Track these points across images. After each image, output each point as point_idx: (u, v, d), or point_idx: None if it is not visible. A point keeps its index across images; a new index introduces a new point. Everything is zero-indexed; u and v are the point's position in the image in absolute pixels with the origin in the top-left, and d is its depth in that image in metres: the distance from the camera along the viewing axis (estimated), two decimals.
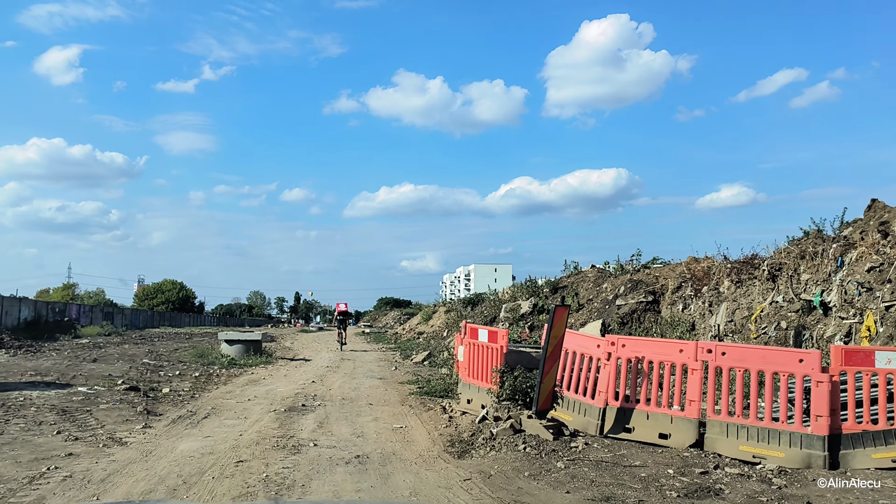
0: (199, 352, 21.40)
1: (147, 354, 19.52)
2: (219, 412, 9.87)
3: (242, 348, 21.30)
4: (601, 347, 8.09)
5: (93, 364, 15.89)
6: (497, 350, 8.83)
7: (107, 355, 18.59)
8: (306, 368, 18.32)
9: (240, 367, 18.09)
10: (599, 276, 20.83)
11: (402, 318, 74.08)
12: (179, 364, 17.65)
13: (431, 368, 18.25)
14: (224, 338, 21.47)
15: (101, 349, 21.65)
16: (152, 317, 56.71)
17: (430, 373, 16.54)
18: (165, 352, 21.55)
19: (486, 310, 24.49)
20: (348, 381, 14.90)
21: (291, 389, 12.87)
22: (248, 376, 15.58)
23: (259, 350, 21.68)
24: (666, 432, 7.35)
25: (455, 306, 38.46)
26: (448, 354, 18.27)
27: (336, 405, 10.85)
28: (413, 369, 18.34)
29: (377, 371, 17.86)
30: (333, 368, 18.34)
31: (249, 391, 12.57)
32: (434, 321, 38.88)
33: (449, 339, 22.54)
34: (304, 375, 16.00)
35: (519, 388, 8.33)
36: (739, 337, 14.26)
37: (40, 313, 35.78)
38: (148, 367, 15.80)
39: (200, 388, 13.03)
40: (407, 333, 41.64)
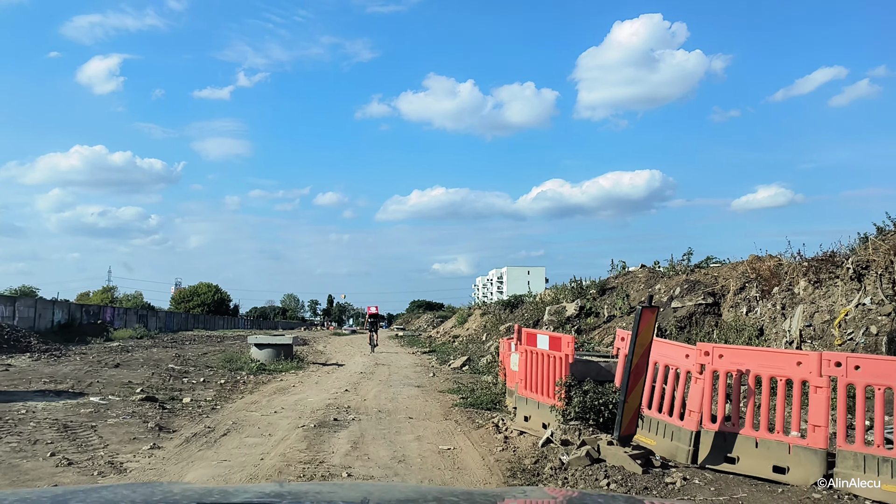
0: (228, 356, 20.38)
1: (174, 359, 18.54)
2: (240, 428, 8.65)
3: (272, 353, 20.22)
4: (691, 358, 6.64)
5: (114, 370, 14.90)
6: (562, 360, 7.43)
7: (132, 360, 17.64)
8: (339, 375, 17.12)
9: (269, 373, 16.96)
10: (651, 276, 19.25)
11: (435, 321, 72.86)
12: (206, 370, 16.59)
13: (472, 375, 16.89)
14: (254, 342, 20.41)
15: (129, 353, 20.77)
16: (186, 319, 56.33)
17: (472, 381, 15.18)
18: (194, 356, 20.58)
19: (527, 313, 23.04)
20: (384, 389, 13.62)
21: (323, 399, 11.63)
22: (276, 384, 14.41)
23: (290, 354, 20.57)
24: (782, 465, 5.86)
25: (492, 309, 37.03)
26: (491, 360, 16.90)
27: (372, 419, 9.55)
28: (452, 376, 17.01)
29: (414, 378, 16.56)
30: (368, 375, 17.10)
31: (277, 401, 11.36)
32: (469, 324, 37.51)
33: (489, 344, 21.16)
34: (336, 383, 14.78)
35: (590, 406, 6.92)
36: (820, 343, 12.59)
37: (74, 316, 35.37)
38: (172, 374, 14.74)
39: (224, 397, 11.87)
40: (441, 337, 40.35)
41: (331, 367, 20.01)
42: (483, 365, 18.83)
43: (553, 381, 7.57)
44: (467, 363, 20.07)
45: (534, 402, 7.96)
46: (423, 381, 15.56)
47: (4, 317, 28.50)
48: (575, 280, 19.97)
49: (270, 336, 21.16)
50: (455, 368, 19.86)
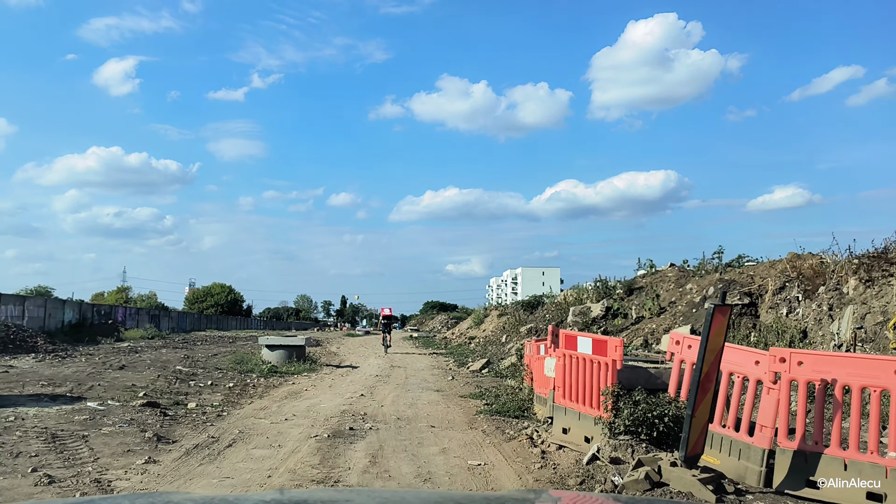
0: (239, 358, 19.65)
1: (182, 360, 17.81)
2: (247, 438, 7.84)
3: (284, 354, 19.46)
4: (763, 364, 5.74)
5: (119, 372, 14.17)
6: (608, 365, 6.54)
7: (138, 361, 16.93)
8: (354, 377, 16.31)
9: (281, 375, 16.18)
10: (681, 275, 18.28)
11: (449, 322, 72.05)
12: (215, 372, 15.85)
13: (494, 379, 16.02)
14: (265, 343, 19.66)
15: (137, 354, 20.10)
16: (199, 320, 55.85)
17: (494, 384, 14.31)
18: (203, 357, 19.86)
19: (549, 313, 22.11)
20: (402, 393, 12.78)
21: (337, 405, 10.81)
22: (288, 387, 13.62)
23: (302, 356, 19.81)
24: (878, 491, 4.95)
25: (509, 310, 36.11)
26: (514, 362, 16.03)
27: (391, 428, 8.71)
28: (472, 379, 16.14)
29: (432, 381, 15.72)
30: (384, 378, 16.27)
31: (288, 407, 10.56)
32: (486, 325, 36.62)
33: (510, 346, 20.29)
34: (351, 386, 13.96)
35: (643, 419, 6.03)
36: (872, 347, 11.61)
37: (85, 316, 34.86)
38: (178, 376, 13.99)
39: (232, 402, 11.09)
40: (457, 338, 39.50)
41: (345, 369, 19.22)
42: (504, 368, 17.95)
43: (597, 390, 6.69)
44: (487, 366, 19.20)
45: (573, 412, 7.08)
46: (442, 385, 14.71)
47: (13, 316, 27.99)
48: (600, 279, 19.04)
49: (282, 337, 20.42)
50: (474, 371, 19.00)
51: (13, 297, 28.15)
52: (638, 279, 19.18)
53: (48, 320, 30.85)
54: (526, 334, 19.63)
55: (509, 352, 19.73)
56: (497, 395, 11.83)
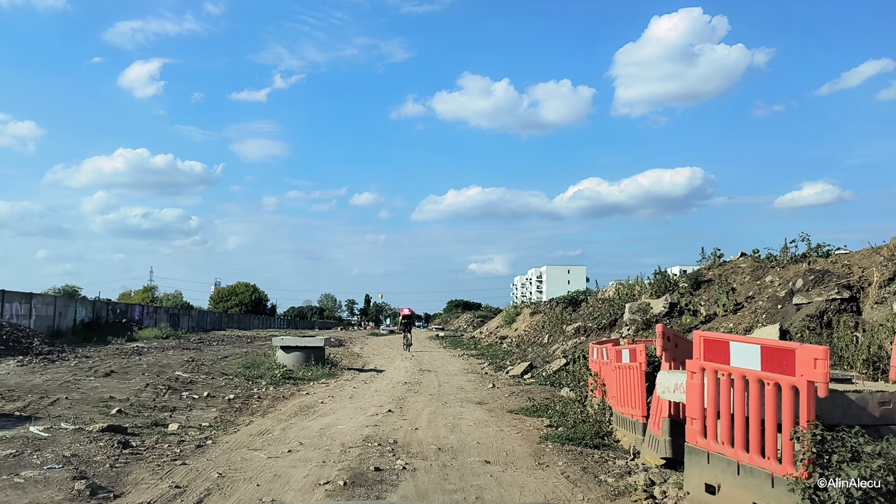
0: (251, 361, 17.30)
1: (185, 364, 15.48)
2: (227, 488, 5.34)
3: (301, 357, 17.07)
4: None
5: (102, 379, 11.83)
6: (799, 390, 3.91)
7: (134, 365, 14.61)
8: (379, 385, 13.83)
9: (294, 382, 13.77)
10: (756, 266, 15.50)
11: (475, 320, 69.52)
12: (220, 378, 13.48)
13: (541, 386, 13.42)
14: (279, 344, 17.28)
15: (139, 356, 17.84)
16: (220, 319, 53.90)
17: (546, 395, 11.73)
18: (211, 360, 17.53)
19: (596, 311, 19.43)
20: (439, 408, 10.25)
21: (358, 427, 8.31)
22: (300, 399, 11.17)
23: (321, 359, 17.40)
24: None
25: (542, 308, 33.43)
26: (569, 367, 13.39)
27: (432, 468, 6.17)
28: (517, 388, 13.57)
29: (471, 390, 13.17)
30: (413, 385, 13.76)
31: (296, 430, 8.08)
32: (518, 324, 33.97)
33: (554, 347, 17.66)
34: (376, 398, 11.48)
35: (884, 484, 3.41)
36: None
37: (99, 314, 32.95)
38: (173, 384, 11.62)
39: (228, 421, 8.65)
40: (486, 338, 36.90)
41: (368, 373, 16.77)
42: (551, 373, 15.35)
43: (772, 428, 4.07)
44: (530, 370, 16.61)
45: (727, 461, 4.45)
46: (483, 396, 12.15)
47: (20, 315, 26.03)
48: (659, 272, 16.33)
49: (299, 337, 18.02)
50: (515, 377, 16.43)
51: (19, 294, 26.20)
52: (703, 271, 16.43)
53: (59, 319, 28.91)
54: (573, 334, 17.05)
55: (554, 354, 17.11)
56: (562, 412, 9.21)
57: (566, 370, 15.25)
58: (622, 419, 7.69)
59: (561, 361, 15.94)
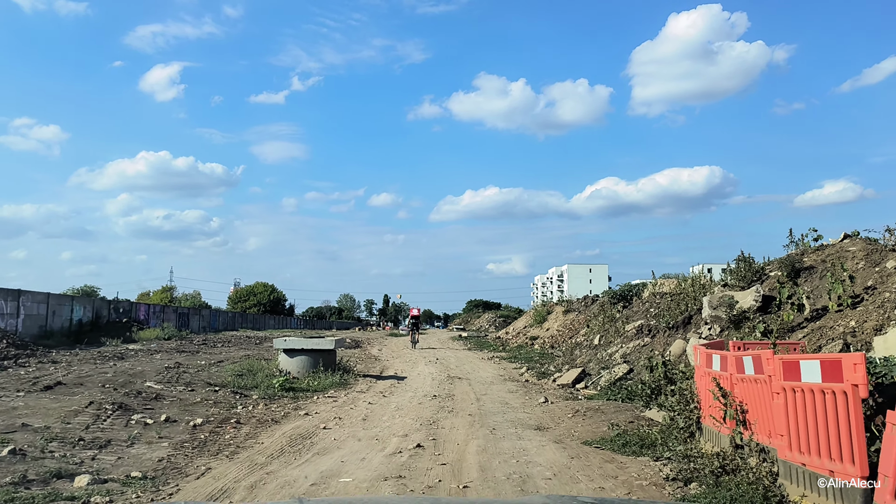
0: (248, 366, 14.28)
1: (163, 372, 12.49)
2: None
3: (307, 362, 14.03)
4: None
5: (34, 396, 8.82)
6: None
7: (96, 374, 11.62)
8: (401, 399, 10.72)
9: (295, 394, 10.74)
10: (871, 250, 12.16)
11: (496, 320, 66.32)
12: (203, 389, 10.49)
13: (611, 402, 10.22)
14: (282, 347, 14.25)
15: (117, 361, 14.89)
16: (234, 319, 51.09)
17: (625, 416, 8.54)
18: (201, 366, 14.55)
19: (656, 306, 16.15)
20: (489, 440, 7.08)
21: (372, 481, 5.19)
22: (295, 422, 8.10)
23: (331, 364, 14.33)
24: None
25: (578, 306, 30.16)
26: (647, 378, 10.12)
27: None
28: (575, 402, 10.41)
29: (518, 406, 10.03)
30: (445, 400, 10.64)
31: (271, 489, 5.00)
32: (550, 324, 30.73)
33: (611, 350, 14.39)
34: (398, 420, 8.37)
35: None
36: None
37: (100, 314, 30.22)
38: (126, 403, 8.60)
39: (173, 469, 5.58)
40: (514, 338, 33.70)
41: (388, 381, 13.69)
42: (612, 382, 12.16)
43: None
44: (583, 378, 13.41)
45: None
46: (540, 417, 8.98)
47: (5, 314, 23.33)
48: (743, 258, 12.98)
49: (305, 339, 14.95)
50: (564, 386, 13.26)
51: (4, 291, 23.51)
52: (797, 256, 13.12)
53: (52, 319, 26.18)
54: (634, 334, 13.84)
55: (612, 359, 13.87)
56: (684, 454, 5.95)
57: (631, 379, 12.05)
58: (804, 475, 4.54)
59: (622, 368, 12.74)
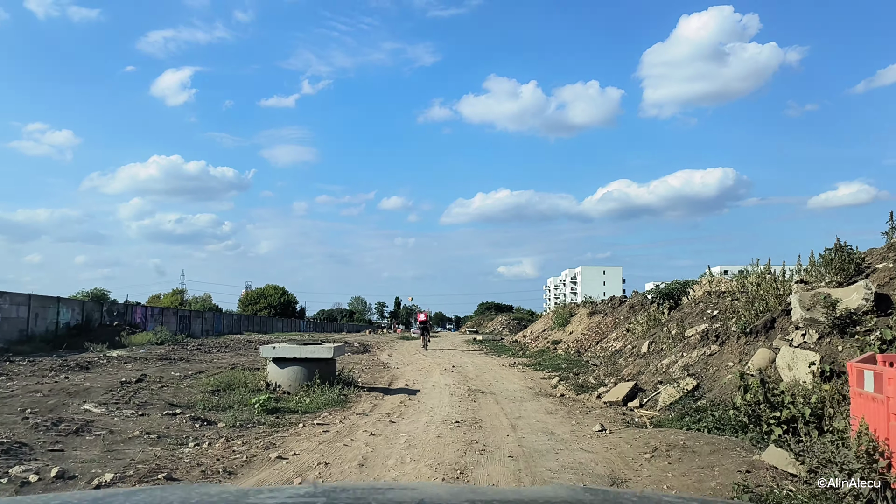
0: (230, 379, 11.77)
1: (117, 389, 10.00)
2: None
3: (301, 373, 11.52)
4: None
5: None
6: None
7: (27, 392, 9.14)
8: (412, 427, 8.14)
9: (279, 418, 8.20)
10: None
11: (510, 322, 63.54)
12: (157, 413, 8.00)
13: (688, 433, 7.57)
14: (270, 355, 11.73)
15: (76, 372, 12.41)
16: (239, 321, 48.74)
17: (736, 463, 5.92)
18: (174, 379, 12.05)
19: (713, 309, 13.46)
20: None
21: None
22: (259, 473, 5.54)
23: (330, 375, 11.80)
24: None
25: (604, 307, 27.48)
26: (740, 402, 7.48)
27: None
28: (638, 430, 7.80)
29: (569, 438, 7.44)
30: (470, 429, 8.06)
31: None
32: (574, 327, 28.05)
33: (667, 360, 11.71)
34: (407, 466, 5.78)
35: None
36: None
37: (90, 317, 27.92)
38: (28, 442, 6.12)
39: None
40: (534, 342, 31.05)
41: (397, 397, 11.12)
42: (675, 401, 9.54)
43: None
44: (636, 395, 10.79)
45: None
46: (608, 460, 6.37)
47: None
48: (839, 247, 10.25)
49: (300, 345, 12.41)
50: (613, 404, 10.65)
51: None
52: None
53: (34, 322, 23.85)
54: (699, 341, 11.17)
55: (670, 371, 11.22)
56: None
57: (700, 398, 9.40)
58: None
59: (687, 383, 10.08)
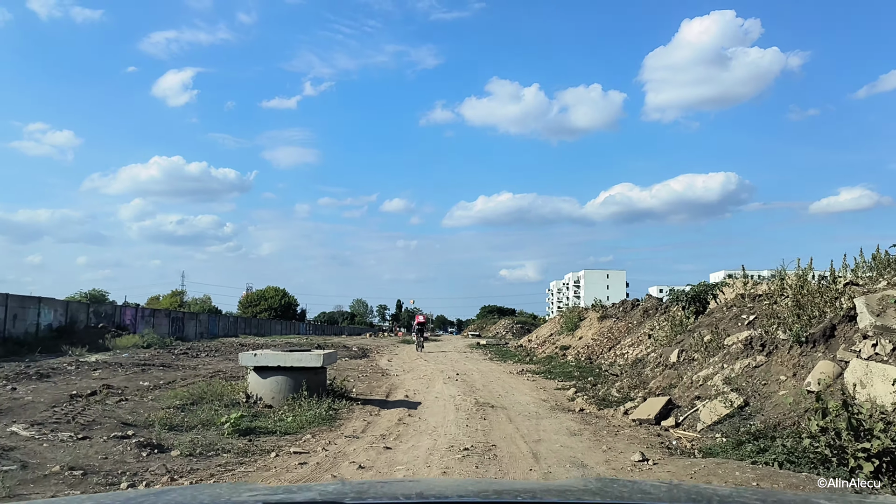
0: (203, 391, 10.27)
1: (65, 403, 8.50)
2: None
3: (286, 384, 10.03)
4: None
5: None
6: None
7: None
8: (411, 457, 6.63)
9: (250, 442, 6.72)
10: None
11: (514, 326, 61.98)
12: (101, 437, 6.59)
13: (755, 466, 6.06)
14: (251, 363, 10.23)
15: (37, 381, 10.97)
16: (236, 324, 47.22)
17: None
18: (140, 389, 10.56)
19: (750, 313, 11.93)
20: None
21: None
22: None
23: (319, 386, 10.31)
24: None
25: (615, 311, 25.96)
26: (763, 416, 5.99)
27: None
28: (689, 460, 6.28)
29: (604, 469, 5.93)
30: (482, 459, 6.54)
31: None
32: (584, 331, 26.51)
33: (704, 373, 10.15)
34: None
35: None
36: None
37: (74, 318, 26.43)
38: None
39: None
40: (540, 348, 29.51)
41: (394, 412, 9.60)
42: (717, 420, 8.04)
43: None
44: (671, 411, 9.28)
45: None
46: None
47: None
48: None
49: (286, 352, 10.85)
50: (643, 422, 9.15)
51: None
52: None
53: (13, 324, 22.39)
54: (741, 351, 9.59)
55: (709, 385, 9.68)
56: None
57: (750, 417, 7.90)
58: None
59: (732, 400, 8.57)
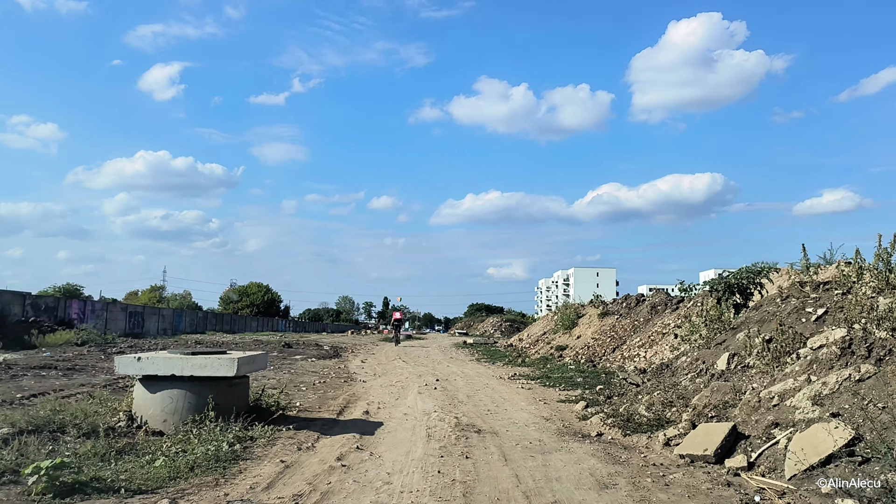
0: (49, 413, 7.02)
1: None
2: None
3: (184, 400, 6.81)
4: None
5: None
6: None
7: None
8: None
9: None
10: None
11: (502, 325, 58.95)
12: None
13: None
14: (136, 372, 7.03)
15: None
16: (205, 320, 43.80)
17: None
18: None
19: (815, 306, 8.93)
20: None
21: None
22: None
23: (236, 401, 7.07)
24: None
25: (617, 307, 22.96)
26: None
27: None
28: None
29: None
30: None
31: None
32: (581, 330, 23.48)
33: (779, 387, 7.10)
34: None
35: None
36: None
37: (6, 311, 23.04)
38: None
39: None
40: (532, 347, 26.46)
41: (338, 440, 6.38)
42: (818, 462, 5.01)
43: None
44: (736, 444, 6.24)
45: None
46: None
47: None
48: None
49: (185, 357, 7.53)
50: (696, 459, 6.08)
51: None
52: None
53: None
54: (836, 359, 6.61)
55: (785, 404, 6.63)
56: None
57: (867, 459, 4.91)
58: None
59: (834, 432, 5.48)
